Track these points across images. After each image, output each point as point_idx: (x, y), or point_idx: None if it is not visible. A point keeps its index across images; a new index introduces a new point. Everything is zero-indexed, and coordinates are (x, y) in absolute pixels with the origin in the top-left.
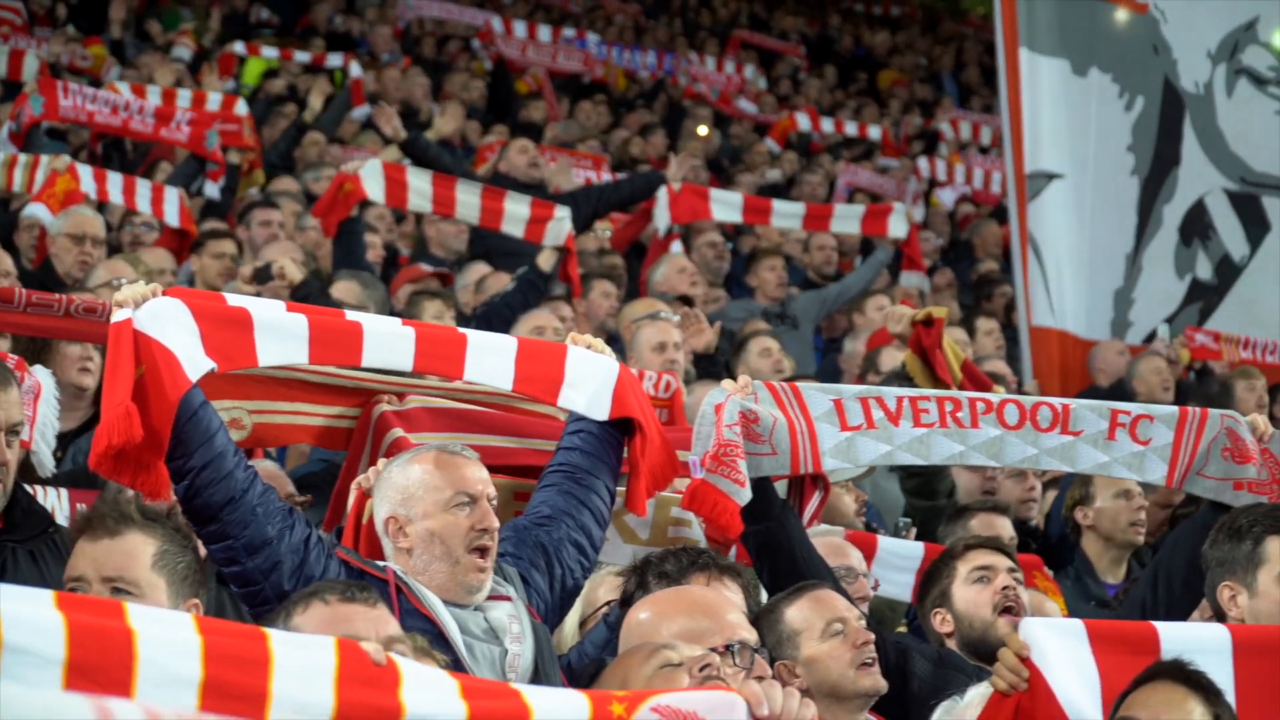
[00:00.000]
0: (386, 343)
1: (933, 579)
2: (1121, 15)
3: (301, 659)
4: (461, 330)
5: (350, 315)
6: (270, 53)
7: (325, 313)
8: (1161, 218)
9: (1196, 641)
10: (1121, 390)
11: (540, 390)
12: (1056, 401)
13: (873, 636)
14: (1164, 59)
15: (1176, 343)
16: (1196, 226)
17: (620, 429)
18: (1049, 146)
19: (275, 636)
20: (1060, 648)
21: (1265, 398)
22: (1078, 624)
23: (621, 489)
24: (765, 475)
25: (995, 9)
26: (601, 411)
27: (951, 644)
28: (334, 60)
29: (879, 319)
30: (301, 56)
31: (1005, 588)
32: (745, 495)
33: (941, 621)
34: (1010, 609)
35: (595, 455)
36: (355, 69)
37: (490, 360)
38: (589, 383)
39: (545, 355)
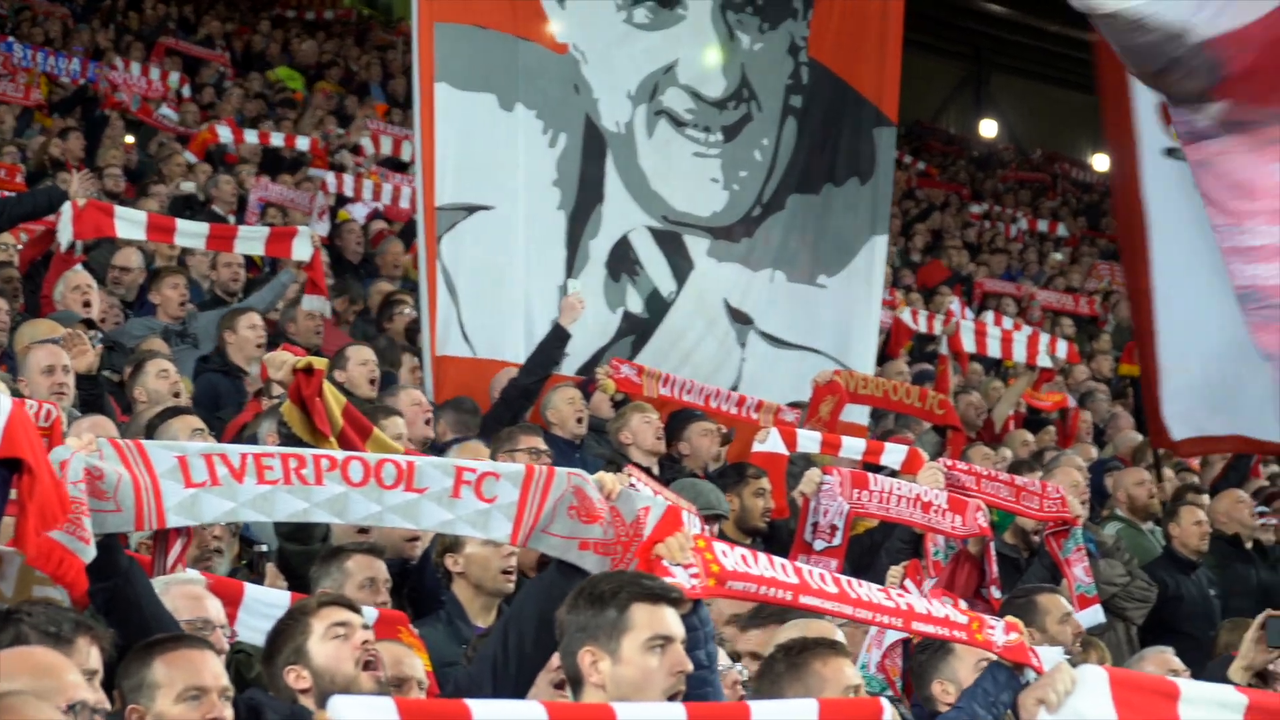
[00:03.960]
0: None
1: (284, 636)
2: (543, 54)
3: None
4: None
5: None
6: None
7: None
8: (589, 252)
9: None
10: (537, 419)
11: None
12: (402, 459)
13: (226, 713)
14: (585, 98)
15: (602, 372)
16: (623, 262)
17: (10, 467)
18: (474, 178)
19: None
20: None
21: (661, 430)
22: (388, 701)
23: None
24: (111, 532)
25: (413, 40)
26: None
27: (307, 701)
28: None
29: (252, 336)
30: None
31: (364, 642)
32: (90, 553)
33: (297, 678)
34: (370, 664)
35: None
36: None
37: None
38: None
39: None
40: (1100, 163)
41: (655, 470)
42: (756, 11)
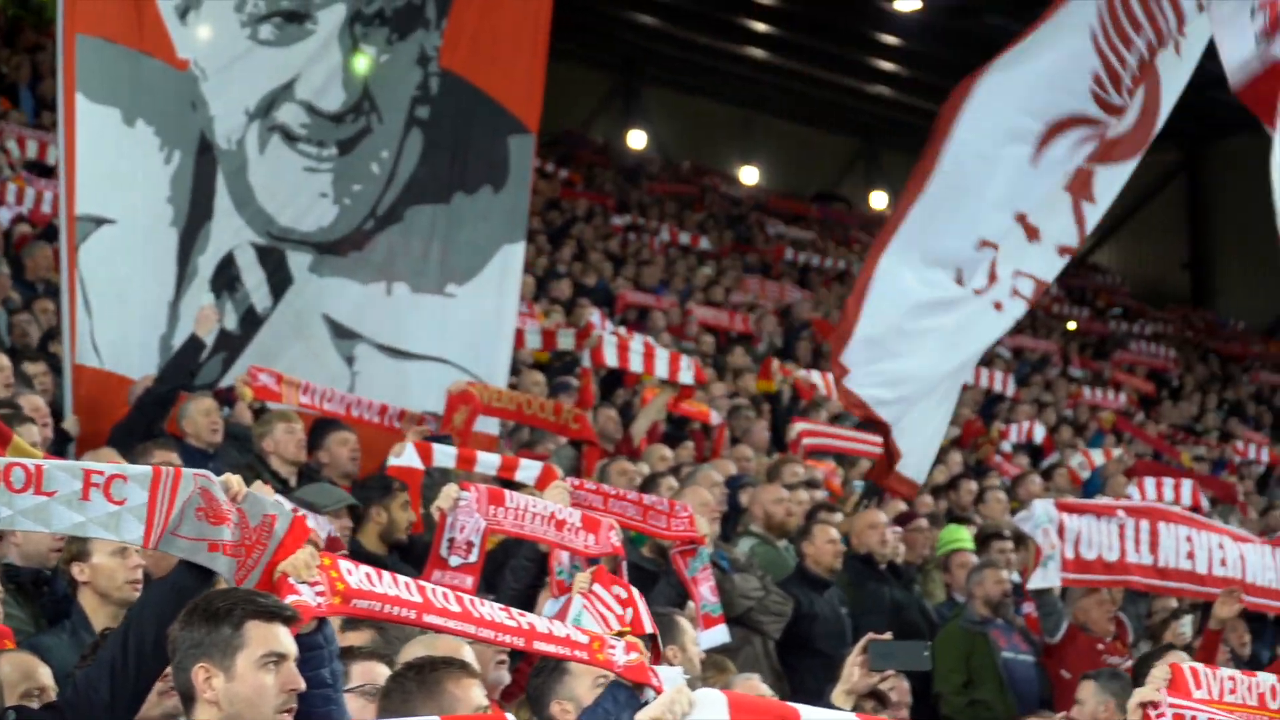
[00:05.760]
0: None
1: None
2: (164, 70)
3: None
4: None
5: None
6: None
7: None
8: (197, 269)
9: None
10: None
11: None
12: (30, 462)
13: None
14: (201, 115)
15: (240, 380)
16: (224, 279)
17: None
18: (102, 191)
19: None
20: None
21: (304, 441)
22: None
23: None
24: None
25: (58, 49)
26: None
27: None
28: None
29: None
30: None
31: None
32: None
33: None
34: None
35: None
36: None
37: None
38: None
39: None
40: (748, 175)
41: (294, 480)
42: (385, 23)
